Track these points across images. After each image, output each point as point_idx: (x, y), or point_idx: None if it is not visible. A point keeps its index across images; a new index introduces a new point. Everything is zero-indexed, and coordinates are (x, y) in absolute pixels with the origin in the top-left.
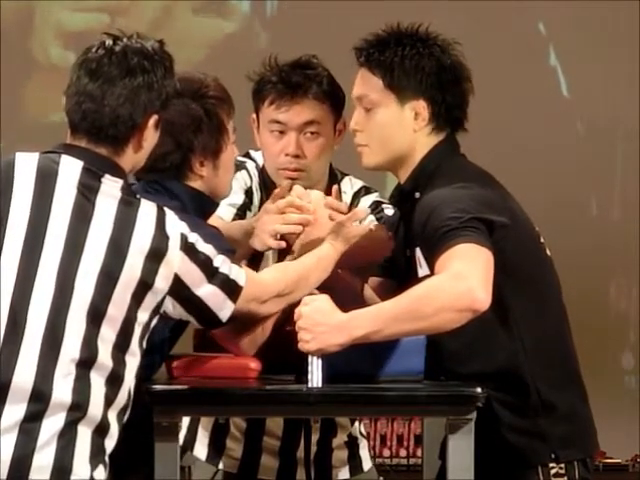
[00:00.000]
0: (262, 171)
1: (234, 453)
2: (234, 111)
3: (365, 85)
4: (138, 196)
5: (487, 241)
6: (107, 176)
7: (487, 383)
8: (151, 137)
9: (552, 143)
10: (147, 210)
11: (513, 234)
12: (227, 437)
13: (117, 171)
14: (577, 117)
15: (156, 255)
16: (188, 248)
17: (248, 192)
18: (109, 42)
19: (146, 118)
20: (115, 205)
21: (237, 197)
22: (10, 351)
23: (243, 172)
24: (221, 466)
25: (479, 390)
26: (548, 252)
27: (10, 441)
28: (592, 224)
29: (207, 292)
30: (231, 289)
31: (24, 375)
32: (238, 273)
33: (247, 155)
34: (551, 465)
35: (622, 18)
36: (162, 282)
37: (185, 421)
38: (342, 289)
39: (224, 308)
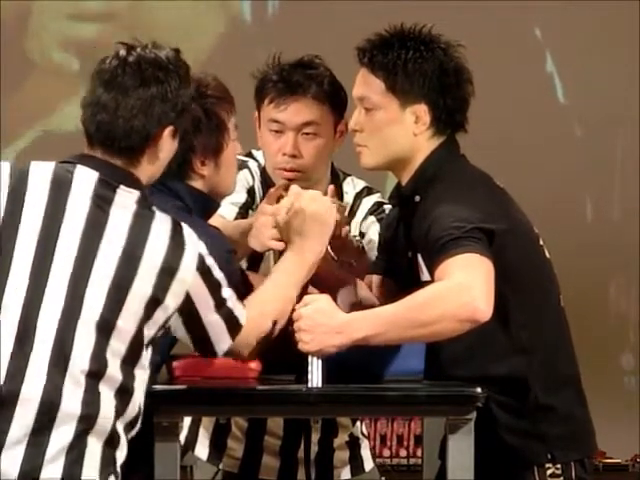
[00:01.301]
0: (264, 170)
1: (235, 453)
2: (235, 109)
3: (366, 86)
4: (154, 208)
5: (488, 251)
6: (122, 187)
7: (486, 386)
8: (167, 148)
9: (549, 148)
10: (162, 223)
11: (512, 238)
12: (228, 437)
13: (133, 182)
14: (574, 123)
15: (169, 270)
16: (205, 271)
17: (250, 191)
18: (123, 52)
19: (160, 129)
20: (129, 217)
21: (239, 196)
22: (19, 362)
23: (245, 171)
24: (222, 466)
25: (479, 390)
26: (547, 254)
27: (18, 454)
28: (592, 224)
29: (211, 320)
30: (232, 325)
31: (33, 387)
32: (241, 311)
33: (249, 154)
34: (547, 465)
35: (619, 24)
36: (173, 299)
37: (186, 421)
38: (338, 288)
39: (222, 341)
